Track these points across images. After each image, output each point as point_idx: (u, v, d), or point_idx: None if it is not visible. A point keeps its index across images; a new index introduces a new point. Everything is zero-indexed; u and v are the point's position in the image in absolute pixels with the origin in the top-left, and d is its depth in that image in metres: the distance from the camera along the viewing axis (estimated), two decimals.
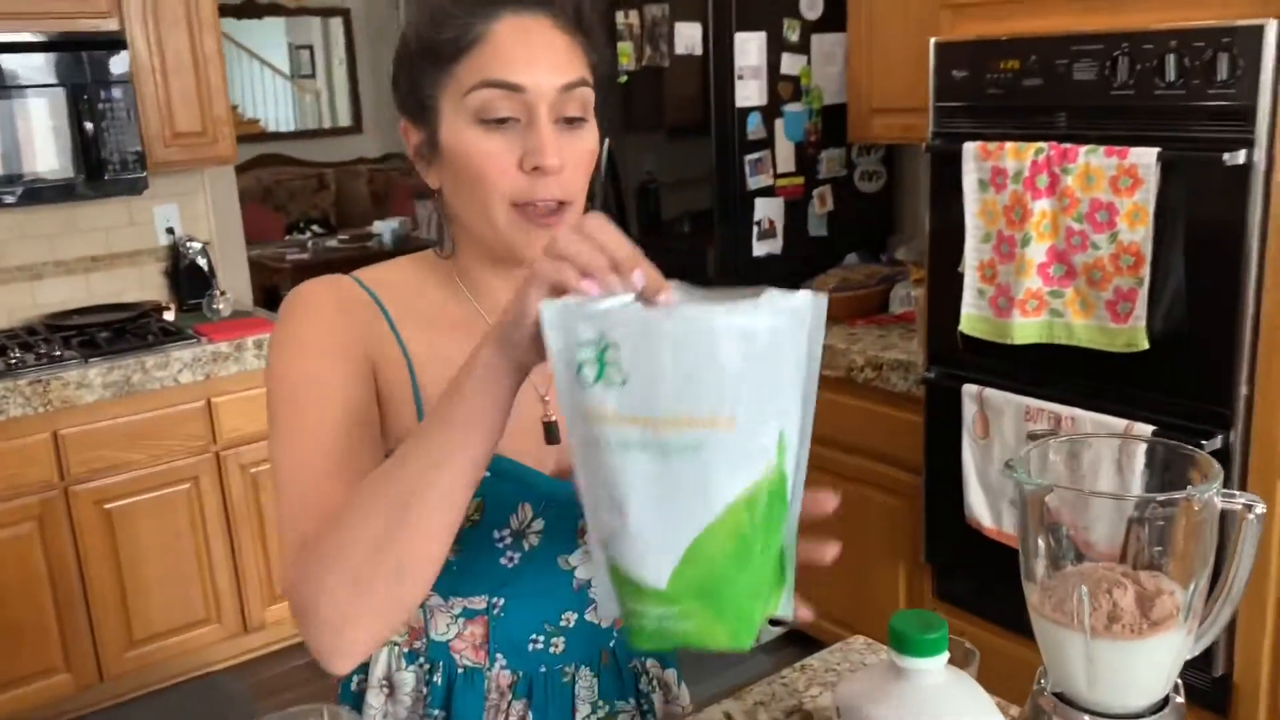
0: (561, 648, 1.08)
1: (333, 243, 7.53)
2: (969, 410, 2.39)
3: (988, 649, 0.92)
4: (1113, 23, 2.07)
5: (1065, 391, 2.23)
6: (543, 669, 1.08)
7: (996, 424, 2.33)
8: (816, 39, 2.94)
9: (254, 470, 3.14)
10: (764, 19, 2.83)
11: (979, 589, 2.53)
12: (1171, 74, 1.96)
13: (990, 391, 2.33)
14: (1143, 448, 0.91)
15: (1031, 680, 0.96)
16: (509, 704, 1.07)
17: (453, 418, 0.79)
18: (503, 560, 1.02)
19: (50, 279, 3.28)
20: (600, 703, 1.12)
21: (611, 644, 1.13)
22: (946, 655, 0.84)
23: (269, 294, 7.44)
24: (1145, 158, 1.97)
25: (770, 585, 0.78)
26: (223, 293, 3.32)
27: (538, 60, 0.93)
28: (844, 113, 2.98)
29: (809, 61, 2.94)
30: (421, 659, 1.07)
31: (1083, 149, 2.06)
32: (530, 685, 1.08)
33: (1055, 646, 0.87)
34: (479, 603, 1.04)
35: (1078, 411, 2.18)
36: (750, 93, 2.83)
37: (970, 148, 2.25)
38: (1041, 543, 0.89)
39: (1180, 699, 0.88)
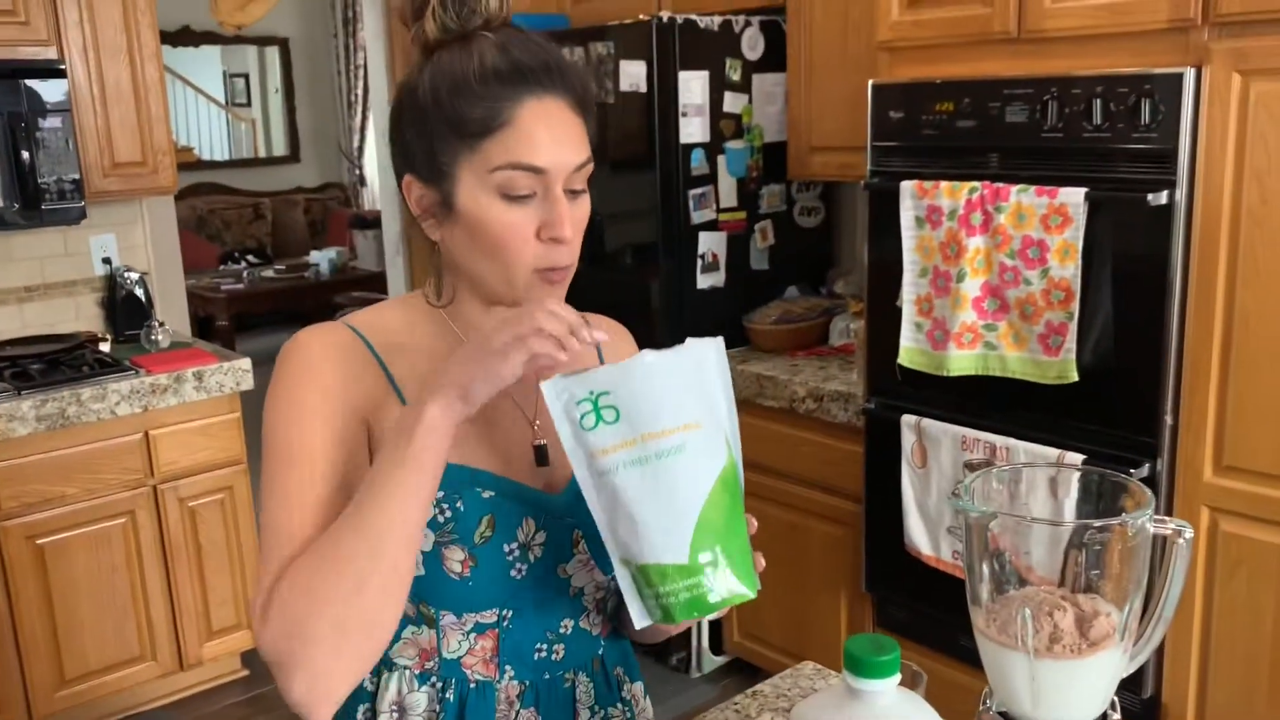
0: (562, 654, 1.15)
1: (269, 273, 7.46)
2: (907, 440, 2.45)
3: (928, 675, 0.96)
4: (1042, 68, 2.16)
5: (1000, 422, 2.30)
6: (546, 676, 1.15)
7: (934, 454, 2.40)
8: (758, 78, 3.01)
9: (192, 504, 3.09)
10: (707, 58, 2.89)
11: (919, 616, 2.58)
12: (1098, 118, 2.05)
13: (928, 422, 2.40)
14: (1076, 476, 0.96)
15: (970, 704, 1.00)
16: (517, 713, 1.13)
17: (407, 464, 0.93)
18: (512, 572, 1.09)
19: None
20: (596, 707, 1.19)
21: (600, 651, 1.20)
22: (899, 677, 0.88)
23: (203, 324, 7.34)
24: (1074, 197, 2.06)
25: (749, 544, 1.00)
26: (161, 324, 3.28)
27: (558, 143, 1.03)
28: (784, 150, 3.05)
29: (750, 100, 3.01)
30: (434, 679, 1.12)
31: (1014, 188, 2.14)
32: (537, 694, 1.14)
33: (1000, 667, 0.91)
34: (490, 616, 1.10)
35: (1012, 441, 2.25)
36: (694, 129, 2.89)
37: (907, 186, 2.32)
38: (986, 568, 0.94)
39: (1117, 715, 0.93)
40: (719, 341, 0.98)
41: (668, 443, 0.93)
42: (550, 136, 1.02)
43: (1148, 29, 1.99)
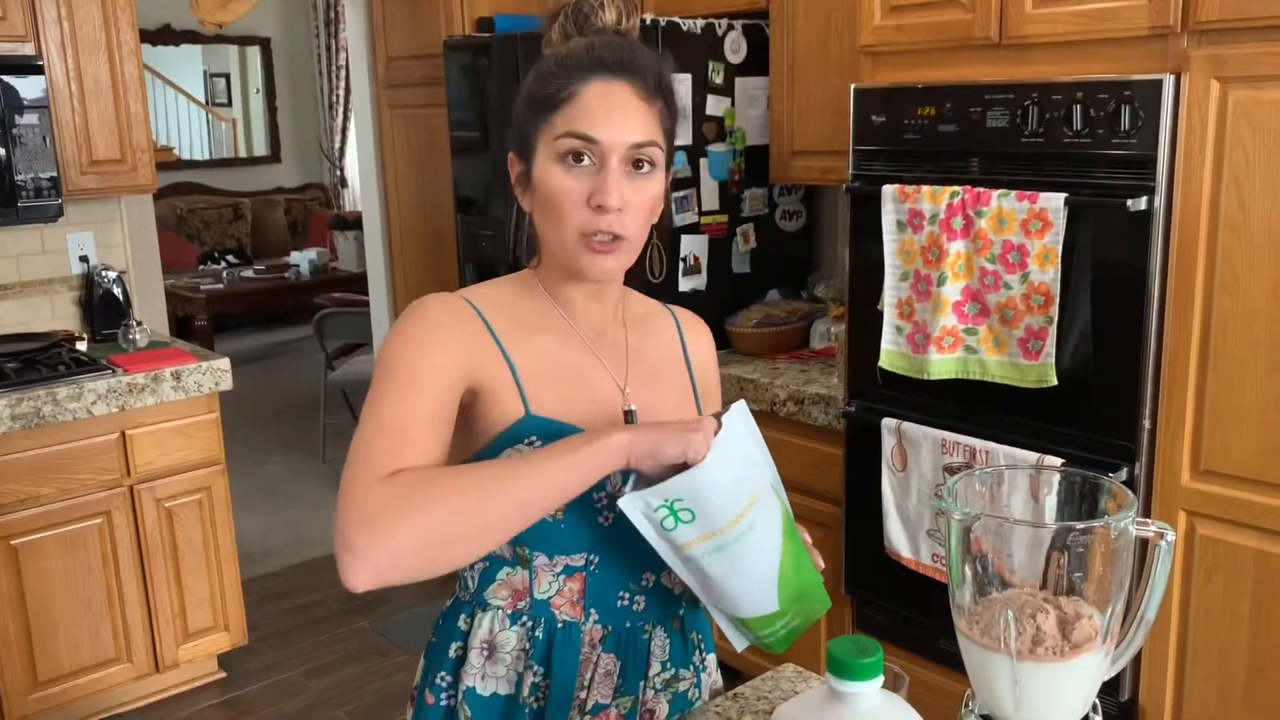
0: (643, 605, 1.24)
1: (248, 273, 7.42)
2: (888, 443, 2.45)
3: (909, 677, 0.96)
4: (1024, 73, 2.18)
5: (980, 425, 2.31)
6: (628, 624, 1.24)
7: (914, 457, 2.40)
8: (740, 82, 3.01)
9: (169, 504, 3.07)
10: (690, 61, 2.89)
11: (899, 620, 2.59)
12: (1079, 123, 2.06)
13: (908, 425, 2.41)
14: (1058, 478, 0.96)
15: (951, 708, 1.00)
16: (599, 656, 1.22)
17: (568, 476, 1.05)
18: (599, 519, 1.19)
19: None
20: (668, 663, 1.28)
21: (682, 611, 1.29)
22: (882, 679, 0.88)
23: (182, 324, 7.29)
24: (1054, 202, 2.07)
25: (813, 564, 1.18)
26: (139, 323, 3.25)
27: (614, 120, 1.13)
28: (766, 154, 3.05)
29: (733, 103, 3.01)
30: (525, 618, 1.21)
31: (995, 193, 2.15)
32: (618, 639, 1.23)
33: (982, 669, 0.92)
34: (579, 560, 1.20)
35: (992, 445, 2.26)
36: (678, 132, 2.88)
37: (889, 190, 2.33)
38: (968, 570, 0.94)
39: (1098, 718, 0.93)
40: (743, 405, 1.11)
41: (740, 528, 1.06)
42: (608, 112, 1.13)
43: (1128, 36, 2.01)
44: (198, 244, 8.15)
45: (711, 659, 1.37)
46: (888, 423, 2.45)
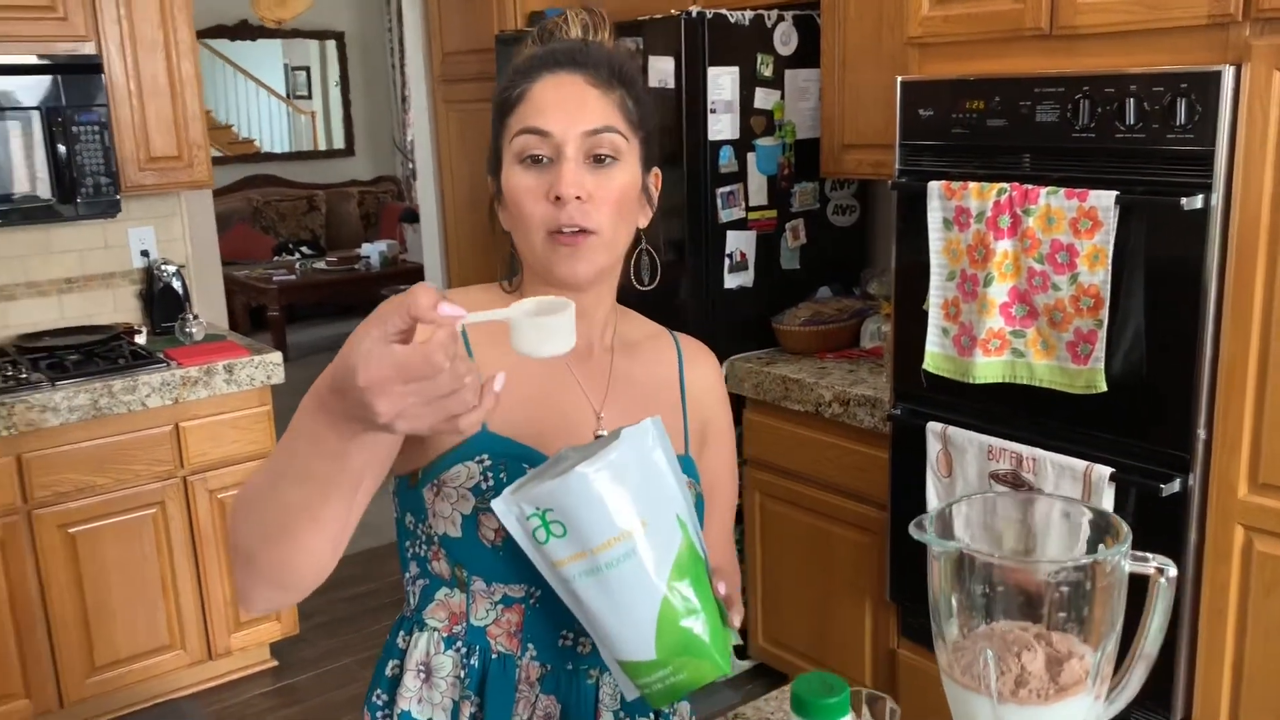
0: (589, 649, 1.16)
1: (321, 264, 7.54)
2: (933, 448, 2.38)
3: (900, 709, 0.91)
4: (1075, 65, 2.08)
5: (1027, 431, 2.22)
6: (569, 666, 1.16)
7: (960, 462, 2.33)
8: (790, 74, 2.95)
9: (221, 495, 3.12)
10: (737, 54, 2.84)
11: None
12: (1131, 117, 1.96)
13: (954, 430, 2.33)
14: (1059, 506, 0.91)
15: None
16: (537, 696, 1.15)
17: (294, 444, 0.90)
18: None
19: (23, 300, 3.27)
20: (622, 713, 1.19)
21: None
22: (850, 718, 0.83)
23: (255, 314, 7.45)
24: (1104, 200, 1.97)
25: (722, 618, 1.02)
26: (196, 316, 3.31)
27: (566, 110, 1.09)
28: (817, 147, 2.98)
29: (783, 96, 2.94)
30: (460, 643, 1.14)
31: (1043, 190, 2.06)
32: (558, 681, 1.15)
33: (964, 710, 0.86)
34: (518, 591, 1.13)
35: (1039, 452, 2.17)
36: (722, 126, 2.84)
37: (935, 186, 2.25)
38: (955, 602, 0.88)
39: None
40: (656, 422, 1.00)
41: (616, 551, 0.95)
42: (558, 104, 1.09)
43: (1185, 24, 1.90)
44: (273, 235, 8.31)
45: (684, 706, 1.27)
46: (933, 427, 2.37)
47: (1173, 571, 0.84)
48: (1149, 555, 0.84)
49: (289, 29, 8.43)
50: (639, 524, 0.96)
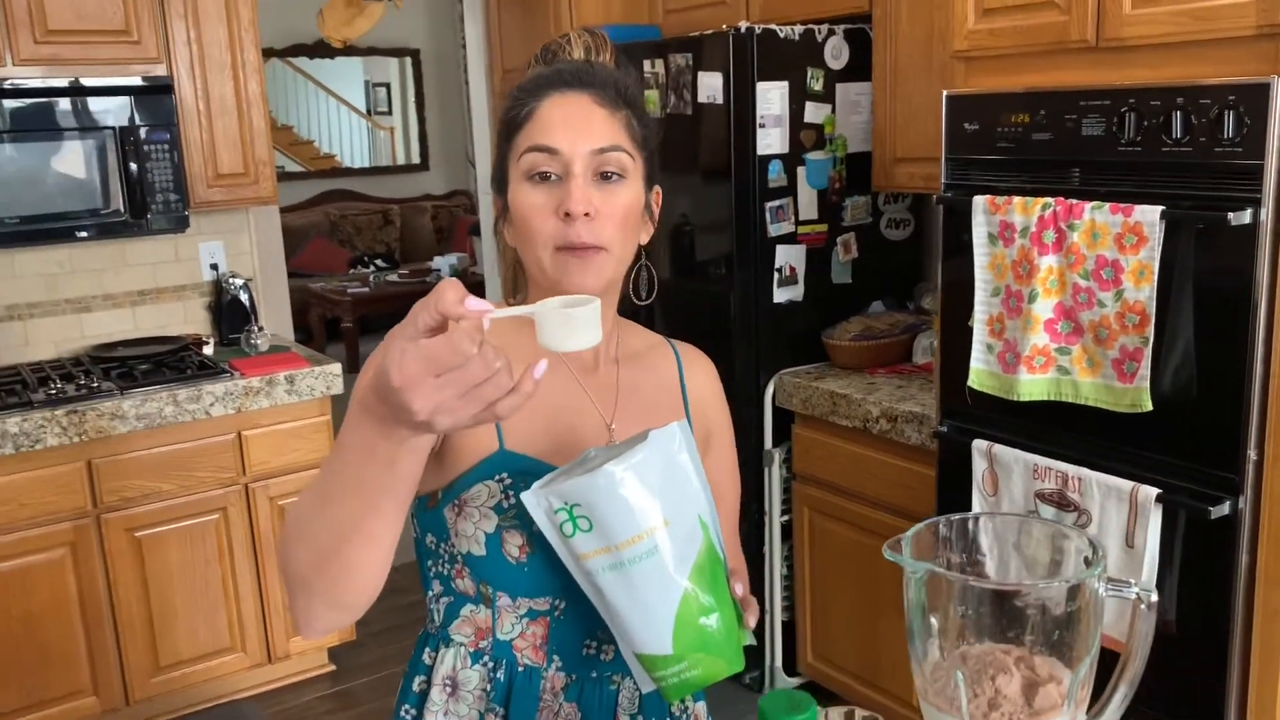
0: (610, 655, 1.19)
1: (393, 277, 7.69)
2: (979, 466, 2.34)
3: None
4: (1121, 78, 2.04)
5: (1074, 450, 2.18)
6: (593, 674, 1.19)
7: (1005, 481, 2.29)
8: (841, 88, 2.94)
9: (282, 502, 3.20)
10: (787, 68, 2.84)
11: None
12: (1179, 130, 1.92)
13: (1000, 448, 2.29)
14: (1047, 529, 0.89)
15: None
16: (560, 705, 1.18)
17: (345, 459, 0.90)
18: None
19: (98, 312, 3.41)
20: (637, 716, 1.22)
21: None
22: None
23: (330, 326, 7.62)
24: (1149, 215, 1.93)
25: (738, 619, 1.07)
26: (261, 328, 3.41)
27: (573, 128, 1.11)
28: (869, 161, 2.96)
29: (833, 110, 2.93)
30: (486, 658, 1.17)
31: (1088, 205, 2.02)
32: (581, 689, 1.18)
33: None
34: (543, 604, 1.15)
35: (1085, 471, 2.13)
36: (772, 141, 2.84)
37: (979, 201, 2.22)
38: (934, 621, 0.88)
39: None
40: (682, 425, 1.04)
41: (639, 548, 0.99)
42: (566, 122, 1.11)
43: (1233, 35, 1.86)
44: (349, 249, 8.50)
45: (700, 707, 1.30)
46: (979, 444, 2.34)
47: (1153, 598, 0.82)
48: (1129, 581, 0.82)
49: (365, 47, 8.64)
50: (662, 523, 0.99)
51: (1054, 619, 0.82)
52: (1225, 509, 1.95)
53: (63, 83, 2.95)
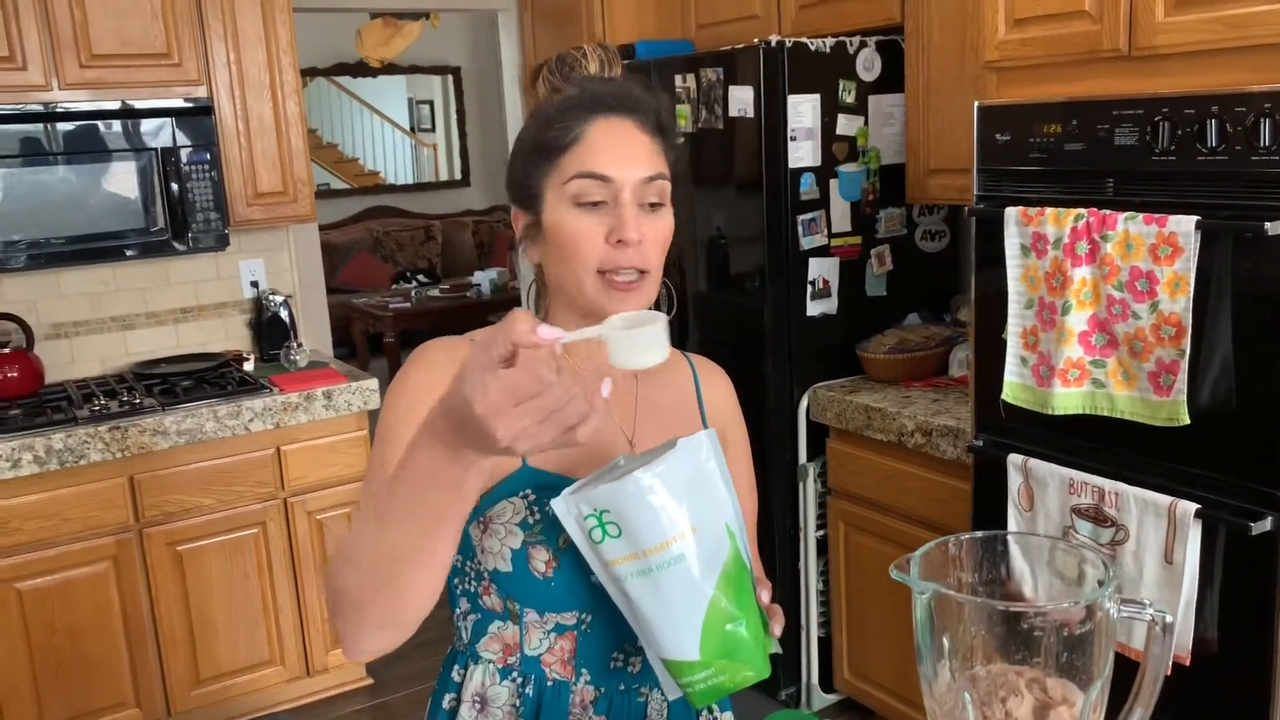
0: (638, 667, 1.20)
1: (434, 292, 7.75)
2: (1014, 481, 2.31)
3: None
4: (1155, 86, 2.01)
5: (1110, 464, 2.14)
6: (621, 687, 1.20)
7: (1041, 496, 2.25)
8: (874, 100, 2.92)
9: (320, 516, 3.24)
10: (818, 81, 2.83)
11: None
12: (1213, 139, 1.89)
13: (1035, 463, 2.26)
14: (1046, 545, 0.88)
15: None
16: (589, 718, 1.19)
17: (408, 489, 0.91)
18: (593, 578, 1.14)
19: (142, 329, 3.47)
20: None
21: None
22: None
23: (373, 341, 7.70)
24: (1184, 226, 1.90)
25: (764, 626, 1.09)
26: (300, 344, 3.45)
27: (624, 156, 1.13)
28: (903, 173, 2.94)
29: (866, 122, 2.92)
30: (515, 674, 1.18)
31: (1121, 216, 1.99)
32: (610, 702, 1.19)
33: None
34: (570, 618, 1.16)
35: (1122, 486, 2.09)
36: (803, 154, 2.83)
37: (1012, 212, 2.20)
38: (946, 641, 0.87)
39: None
40: (711, 434, 1.06)
41: (667, 555, 1.01)
42: (616, 149, 1.13)
43: (1268, 43, 1.82)
44: (392, 264, 8.58)
45: (728, 717, 1.31)
46: (1014, 459, 2.31)
47: (1169, 618, 0.81)
48: (1143, 602, 0.81)
49: (408, 65, 8.74)
50: (690, 530, 1.01)
51: (1065, 640, 0.81)
52: (1267, 525, 1.90)
53: (108, 106, 3.01)
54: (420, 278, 8.32)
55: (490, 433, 0.81)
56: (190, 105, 3.12)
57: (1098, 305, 2.07)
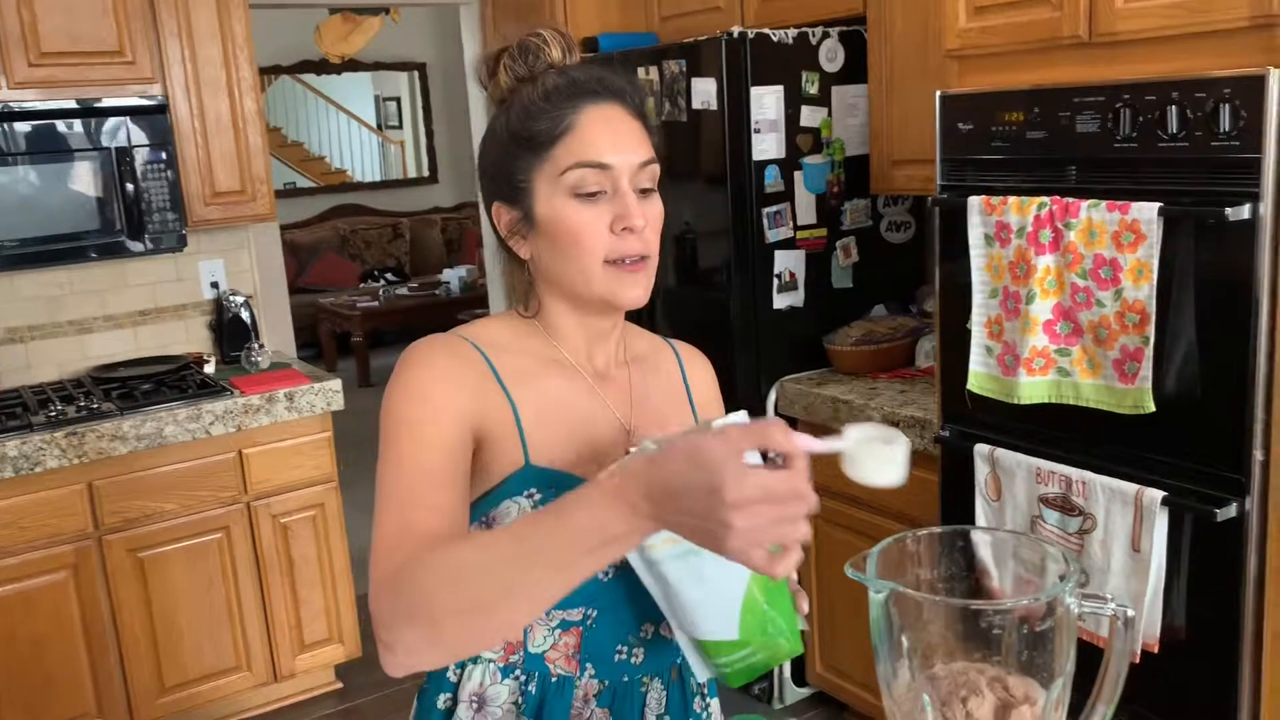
0: (641, 658, 1.20)
1: (403, 290, 7.70)
2: (981, 471, 2.31)
3: None
4: (1116, 73, 2.01)
5: (1077, 453, 2.14)
6: (625, 679, 1.20)
7: (1009, 486, 2.25)
8: (837, 91, 2.90)
9: (284, 520, 3.19)
10: (781, 72, 2.81)
11: None
12: (1174, 126, 1.88)
13: (1002, 452, 2.25)
14: (1010, 540, 0.86)
15: None
16: (591, 711, 1.18)
17: (577, 564, 0.89)
18: (599, 574, 1.12)
19: (100, 332, 3.41)
20: (665, 716, 1.23)
21: (679, 660, 1.23)
22: None
23: (341, 340, 7.63)
24: (1146, 213, 1.89)
25: (794, 605, 1.11)
26: (261, 345, 3.40)
27: (620, 143, 1.12)
28: (868, 164, 2.93)
29: (830, 113, 2.90)
30: (517, 671, 1.17)
31: (1085, 204, 1.99)
32: (613, 694, 1.19)
33: None
34: (575, 614, 1.16)
35: (1089, 475, 2.09)
36: (767, 146, 2.81)
37: (975, 202, 2.19)
38: (905, 640, 0.85)
39: None
40: (743, 415, 1.05)
41: None
42: (611, 136, 1.11)
43: (1228, 28, 1.82)
44: (359, 263, 8.51)
45: (715, 704, 1.30)
46: (980, 449, 2.30)
47: (1130, 613, 0.79)
48: (1105, 598, 0.79)
49: (372, 61, 8.66)
50: None
51: (1026, 637, 0.79)
52: (1232, 510, 1.90)
53: (58, 105, 2.95)
54: (388, 276, 8.26)
55: (729, 521, 0.80)
56: (145, 103, 3.06)
57: (1062, 294, 2.06)
